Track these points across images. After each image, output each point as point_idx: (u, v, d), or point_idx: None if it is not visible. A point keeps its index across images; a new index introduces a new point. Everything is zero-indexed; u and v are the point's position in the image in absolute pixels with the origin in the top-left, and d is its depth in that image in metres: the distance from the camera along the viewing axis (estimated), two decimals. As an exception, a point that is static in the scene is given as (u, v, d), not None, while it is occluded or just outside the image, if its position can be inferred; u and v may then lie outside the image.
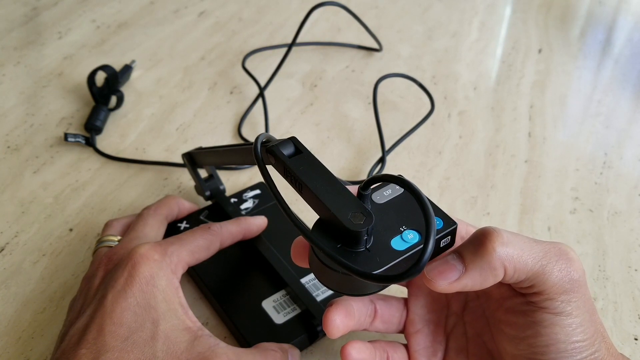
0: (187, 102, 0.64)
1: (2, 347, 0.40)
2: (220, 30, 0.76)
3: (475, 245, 0.30)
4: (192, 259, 0.39)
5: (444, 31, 0.77)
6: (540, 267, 0.29)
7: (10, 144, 0.58)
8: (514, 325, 0.31)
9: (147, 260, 0.36)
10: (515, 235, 0.30)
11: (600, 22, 0.80)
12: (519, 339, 0.31)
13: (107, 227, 0.43)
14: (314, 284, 0.42)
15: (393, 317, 0.36)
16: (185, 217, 0.47)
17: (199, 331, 0.35)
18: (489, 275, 0.29)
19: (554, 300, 0.30)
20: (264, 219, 0.45)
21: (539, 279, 0.29)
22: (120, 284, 0.35)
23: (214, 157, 0.45)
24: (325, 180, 0.30)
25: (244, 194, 0.50)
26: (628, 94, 0.66)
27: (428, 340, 0.36)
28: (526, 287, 0.30)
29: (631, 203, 0.52)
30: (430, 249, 0.26)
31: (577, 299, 0.30)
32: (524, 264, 0.29)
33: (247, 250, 0.44)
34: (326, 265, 0.29)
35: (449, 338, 0.36)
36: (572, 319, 0.30)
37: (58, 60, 0.70)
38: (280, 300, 0.41)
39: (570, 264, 0.30)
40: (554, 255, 0.30)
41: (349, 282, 0.29)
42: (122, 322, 0.33)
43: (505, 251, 0.29)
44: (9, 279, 0.45)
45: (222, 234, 0.41)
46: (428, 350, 0.35)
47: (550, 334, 0.30)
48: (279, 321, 0.40)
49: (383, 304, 0.36)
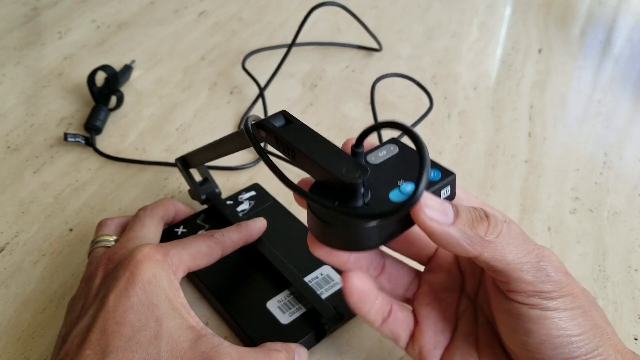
0: (187, 102, 0.64)
1: (2, 347, 0.40)
2: (220, 30, 0.76)
3: (472, 212, 0.29)
4: (193, 264, 0.38)
5: (444, 31, 0.77)
6: (519, 265, 0.29)
7: (10, 144, 0.58)
8: (504, 323, 0.31)
9: (149, 260, 0.36)
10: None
11: (600, 22, 0.80)
12: (512, 337, 0.31)
13: (102, 226, 0.43)
14: (317, 282, 0.42)
15: (401, 280, 0.35)
16: (181, 222, 0.47)
17: (202, 330, 0.35)
18: (464, 244, 0.28)
19: (535, 297, 0.29)
20: (264, 221, 0.44)
21: (514, 275, 0.29)
22: (122, 283, 0.35)
23: (206, 152, 0.44)
24: (318, 143, 0.30)
25: (240, 196, 0.49)
26: (628, 94, 0.66)
27: (438, 316, 0.35)
28: (504, 282, 0.30)
29: (631, 203, 0.52)
30: (425, 179, 0.26)
31: (563, 295, 0.29)
32: (502, 255, 0.29)
33: (248, 252, 0.44)
34: (323, 220, 0.29)
35: (459, 320, 0.35)
36: (561, 313, 0.29)
37: (58, 60, 0.70)
38: (284, 300, 0.41)
39: (549, 262, 0.29)
40: (534, 255, 0.29)
41: (350, 236, 0.29)
42: (126, 322, 0.33)
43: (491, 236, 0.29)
44: (8, 279, 0.45)
45: (225, 242, 0.41)
46: (436, 326, 0.35)
47: (541, 330, 0.29)
48: (285, 321, 0.40)
49: (393, 263, 0.35)
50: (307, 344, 0.39)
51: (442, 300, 0.35)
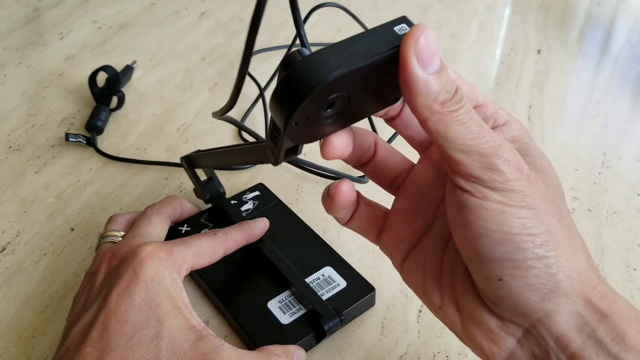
0: (187, 102, 0.64)
1: (4, 346, 0.41)
2: (221, 31, 0.76)
3: (449, 81, 0.26)
4: (196, 263, 0.39)
5: (443, 32, 0.77)
6: (460, 145, 0.26)
7: (12, 144, 0.58)
8: (450, 217, 0.28)
9: (152, 258, 0.36)
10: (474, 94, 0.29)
11: (599, 22, 0.80)
12: (455, 232, 0.28)
13: (111, 221, 0.43)
14: (319, 283, 0.42)
15: (388, 172, 0.33)
16: (185, 220, 0.47)
17: (203, 331, 0.35)
18: (424, 101, 0.26)
19: (475, 183, 0.26)
20: (266, 221, 0.45)
21: (453, 156, 0.26)
22: (124, 281, 0.35)
23: (213, 158, 0.45)
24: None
25: (244, 196, 0.50)
26: (627, 94, 0.66)
27: (412, 211, 0.32)
28: (446, 162, 0.27)
29: (630, 203, 0.52)
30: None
31: (508, 190, 0.26)
32: (445, 132, 0.26)
33: (250, 252, 0.44)
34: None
35: (435, 220, 0.32)
36: (503, 207, 0.26)
37: (59, 61, 0.70)
38: (285, 300, 0.41)
39: (502, 154, 0.26)
40: (485, 142, 0.26)
41: None
42: (127, 320, 0.33)
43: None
44: (10, 278, 0.45)
45: (227, 241, 0.41)
46: (407, 220, 0.32)
47: (477, 221, 0.26)
48: (285, 321, 0.40)
49: (385, 153, 0.33)
50: (307, 345, 0.39)
51: (422, 195, 0.32)
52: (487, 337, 0.28)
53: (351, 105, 0.27)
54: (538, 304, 0.26)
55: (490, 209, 0.26)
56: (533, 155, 0.30)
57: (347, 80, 0.25)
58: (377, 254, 0.47)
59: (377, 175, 0.34)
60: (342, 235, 0.48)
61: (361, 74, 0.25)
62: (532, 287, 0.26)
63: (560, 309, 0.27)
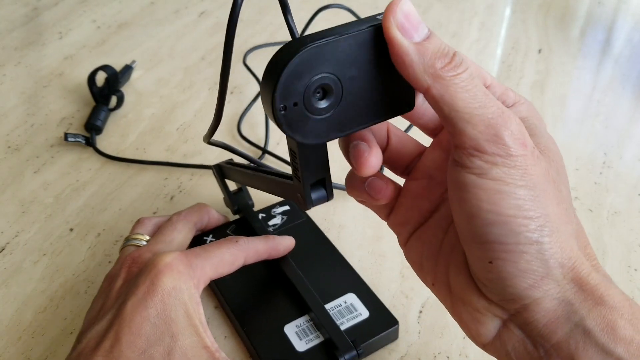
0: (187, 102, 0.64)
1: (3, 346, 0.40)
2: (220, 31, 0.76)
3: (441, 45, 0.26)
4: (215, 274, 0.38)
5: (444, 31, 0.77)
6: (467, 115, 0.25)
7: (11, 144, 0.58)
8: (450, 195, 0.28)
9: (171, 270, 0.35)
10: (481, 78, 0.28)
11: (600, 22, 0.80)
12: (453, 210, 0.27)
13: (138, 224, 0.43)
14: (339, 311, 0.40)
15: (401, 158, 0.33)
16: (211, 230, 0.46)
17: (216, 353, 0.34)
18: (417, 67, 0.26)
19: (476, 157, 0.25)
20: (292, 240, 0.43)
21: (459, 126, 0.25)
22: (141, 291, 0.34)
23: (243, 177, 0.43)
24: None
25: (273, 210, 0.48)
26: (628, 94, 0.66)
27: (419, 193, 0.32)
28: (450, 134, 0.26)
29: (631, 203, 0.52)
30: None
31: (510, 166, 0.25)
32: (451, 98, 0.25)
33: (272, 270, 0.42)
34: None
35: (442, 203, 0.32)
36: (500, 186, 0.25)
37: (58, 61, 0.70)
38: (303, 325, 0.39)
39: (508, 125, 0.26)
40: (492, 112, 0.26)
41: None
42: (141, 333, 0.33)
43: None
44: (9, 278, 0.45)
45: (248, 250, 0.40)
46: (414, 201, 0.32)
47: (472, 200, 0.26)
48: (300, 349, 0.38)
49: (399, 140, 0.33)
50: None
51: (431, 178, 0.32)
52: (473, 318, 0.28)
53: (350, 99, 0.27)
54: (526, 290, 0.26)
55: (486, 187, 0.25)
56: (539, 136, 0.30)
57: (325, 57, 0.25)
58: (377, 254, 0.47)
59: (392, 163, 0.34)
60: (342, 235, 0.48)
61: (342, 52, 0.26)
62: (522, 273, 0.26)
63: (548, 296, 0.26)
